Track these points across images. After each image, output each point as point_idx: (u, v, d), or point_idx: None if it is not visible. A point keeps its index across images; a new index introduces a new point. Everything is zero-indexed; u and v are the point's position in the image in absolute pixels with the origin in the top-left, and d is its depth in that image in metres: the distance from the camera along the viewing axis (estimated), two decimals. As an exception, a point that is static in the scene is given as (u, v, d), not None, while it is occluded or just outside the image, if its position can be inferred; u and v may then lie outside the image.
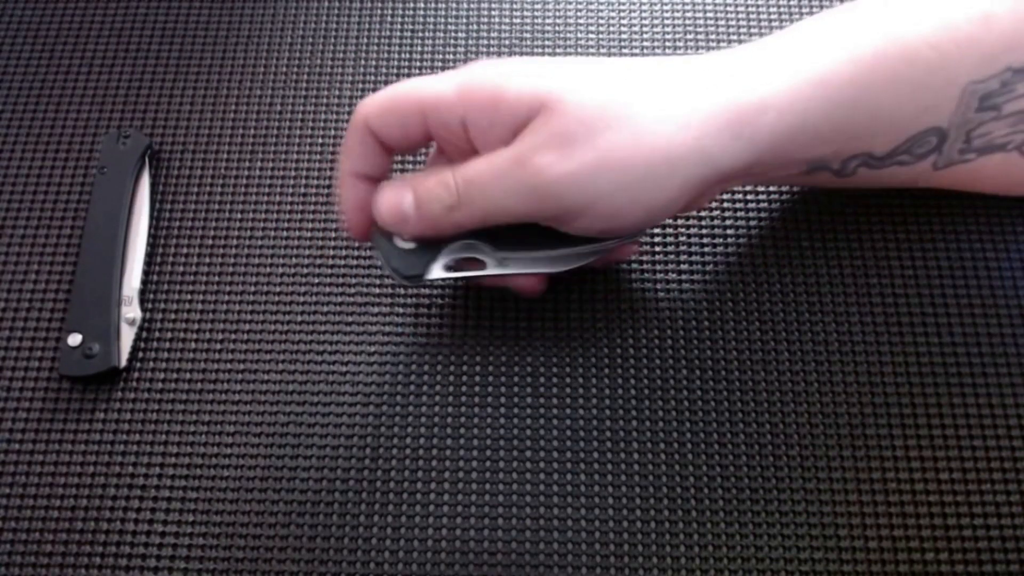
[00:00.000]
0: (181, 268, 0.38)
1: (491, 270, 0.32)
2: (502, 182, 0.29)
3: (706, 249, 0.37)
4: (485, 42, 0.42)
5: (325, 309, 0.37)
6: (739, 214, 0.38)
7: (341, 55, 0.42)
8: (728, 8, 0.43)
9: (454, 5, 0.43)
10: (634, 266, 0.37)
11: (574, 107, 0.29)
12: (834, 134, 0.31)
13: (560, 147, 0.28)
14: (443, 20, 0.43)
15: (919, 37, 0.31)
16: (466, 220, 0.30)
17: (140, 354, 0.36)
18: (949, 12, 0.31)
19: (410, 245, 0.32)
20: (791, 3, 0.43)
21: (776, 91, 0.30)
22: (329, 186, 0.39)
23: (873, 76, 0.30)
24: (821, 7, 0.42)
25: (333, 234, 0.38)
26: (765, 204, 0.38)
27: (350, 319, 0.36)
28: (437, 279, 0.32)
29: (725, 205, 0.38)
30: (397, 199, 0.31)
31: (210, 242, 0.38)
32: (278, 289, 0.37)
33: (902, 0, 0.32)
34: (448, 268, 0.32)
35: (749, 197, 0.38)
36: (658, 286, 0.37)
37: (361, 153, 0.32)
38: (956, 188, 0.37)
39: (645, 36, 0.42)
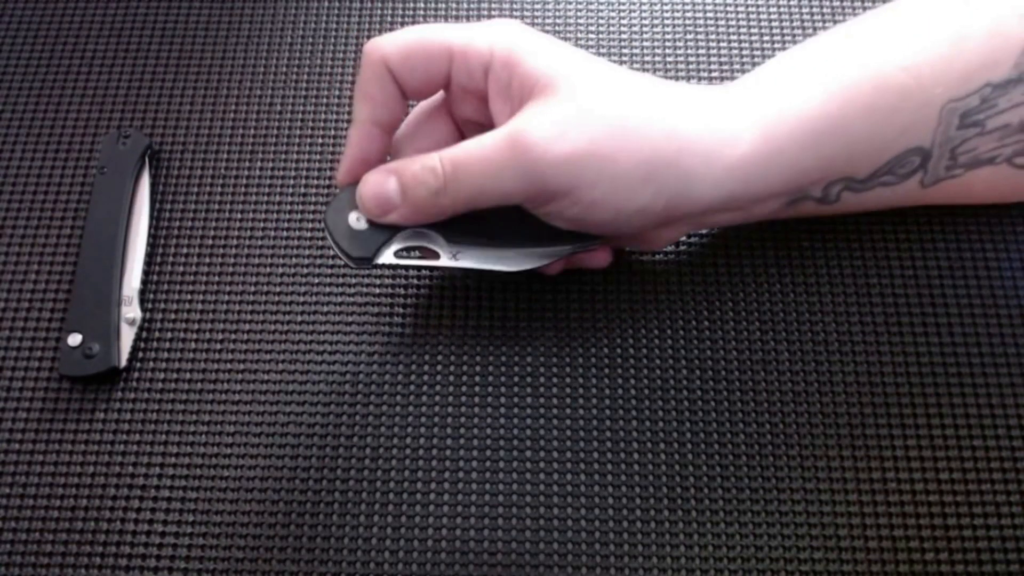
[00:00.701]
0: (181, 268, 0.38)
1: (443, 262, 0.32)
2: (492, 162, 0.29)
3: (706, 249, 0.37)
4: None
5: (325, 309, 0.37)
6: (739, 214, 0.38)
7: (341, 55, 0.42)
8: (728, 9, 0.43)
9: (454, 5, 0.43)
10: (634, 266, 0.37)
11: (581, 95, 0.29)
12: (810, 164, 0.32)
13: (558, 128, 0.29)
14: (443, 20, 0.43)
15: (892, 64, 0.31)
16: (452, 204, 0.30)
17: (140, 354, 0.36)
18: (922, 35, 0.31)
19: (363, 226, 0.31)
20: (791, 4, 0.43)
21: (750, 125, 0.31)
22: (329, 186, 0.39)
23: (847, 108, 0.31)
24: (820, 7, 0.42)
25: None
26: (765, 204, 0.38)
27: (350, 319, 0.36)
28: (386, 264, 0.32)
29: (725, 205, 0.38)
30: (381, 185, 0.30)
31: (210, 242, 0.38)
32: (278, 289, 0.37)
33: (876, 27, 0.32)
34: (399, 255, 0.32)
35: (749, 197, 0.39)
36: (658, 286, 0.37)
37: (381, 99, 0.31)
38: (947, 203, 0.37)
39: (645, 36, 0.42)
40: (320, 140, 0.40)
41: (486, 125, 0.32)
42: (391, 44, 0.31)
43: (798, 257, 0.37)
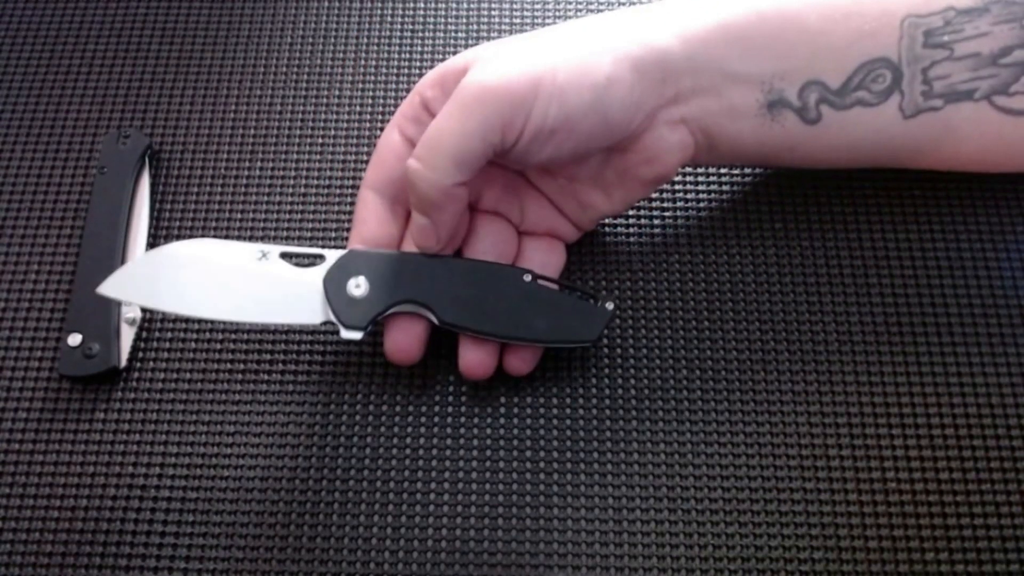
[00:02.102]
0: (181, 268, 0.38)
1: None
2: (452, 113, 0.30)
3: (707, 249, 0.37)
4: (485, 42, 0.42)
5: (325, 309, 0.37)
6: (739, 214, 0.38)
7: (341, 55, 0.42)
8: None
9: (454, 5, 0.43)
10: (634, 266, 0.37)
11: (505, 46, 0.32)
12: (767, 46, 0.33)
13: (496, 63, 0.31)
14: (443, 20, 0.43)
15: None
16: (441, 174, 0.30)
17: (140, 354, 0.36)
18: None
19: (361, 293, 0.32)
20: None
21: (700, 7, 0.33)
22: (329, 186, 0.39)
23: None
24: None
25: (333, 234, 0.38)
26: (765, 205, 0.38)
27: (350, 319, 0.36)
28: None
29: (725, 205, 0.38)
30: (414, 226, 0.33)
31: (210, 242, 0.38)
32: (278, 289, 0.37)
33: None
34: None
35: (749, 197, 0.39)
36: (659, 286, 0.37)
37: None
38: (941, 162, 0.36)
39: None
40: (320, 140, 0.40)
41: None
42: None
43: (798, 257, 0.37)
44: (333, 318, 0.32)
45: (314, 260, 0.33)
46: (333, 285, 0.32)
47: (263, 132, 0.41)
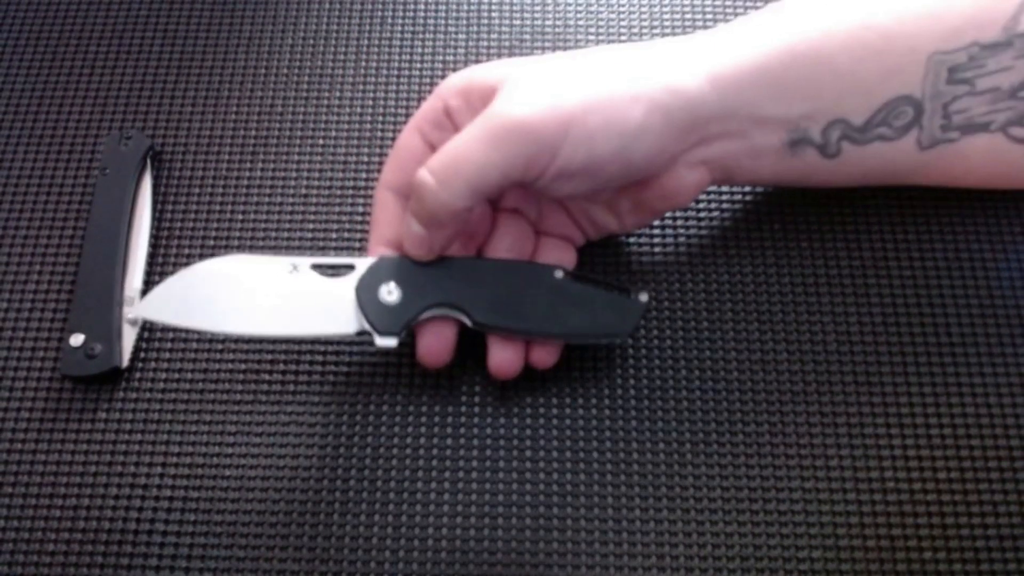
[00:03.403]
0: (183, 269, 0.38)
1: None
2: (478, 140, 0.30)
3: (706, 250, 0.38)
4: (485, 43, 0.42)
5: (326, 309, 0.37)
6: (739, 215, 0.38)
7: (342, 57, 0.42)
8: (727, 12, 0.43)
9: (454, 6, 0.44)
10: (634, 266, 0.37)
11: (536, 73, 0.32)
12: (798, 88, 0.32)
13: (527, 94, 0.31)
14: (443, 22, 0.43)
15: (879, 7, 0.33)
16: (455, 198, 0.30)
17: (142, 354, 0.36)
18: None
19: (393, 299, 0.32)
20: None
21: (733, 46, 0.32)
22: (330, 187, 0.39)
23: (831, 38, 0.32)
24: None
25: (334, 235, 0.38)
26: (764, 204, 0.38)
27: (351, 319, 0.36)
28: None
29: (724, 205, 0.38)
30: (407, 231, 0.32)
31: (211, 243, 0.38)
32: (279, 290, 0.37)
33: None
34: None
35: (748, 197, 0.39)
36: (658, 286, 0.37)
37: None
38: (948, 181, 0.37)
39: (644, 37, 0.42)
40: (320, 141, 0.40)
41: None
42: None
43: (797, 257, 0.37)
44: (367, 326, 0.32)
45: (344, 270, 0.33)
46: (365, 293, 0.32)
47: (264, 134, 0.41)
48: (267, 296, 0.33)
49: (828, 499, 0.33)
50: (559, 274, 0.33)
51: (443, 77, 0.41)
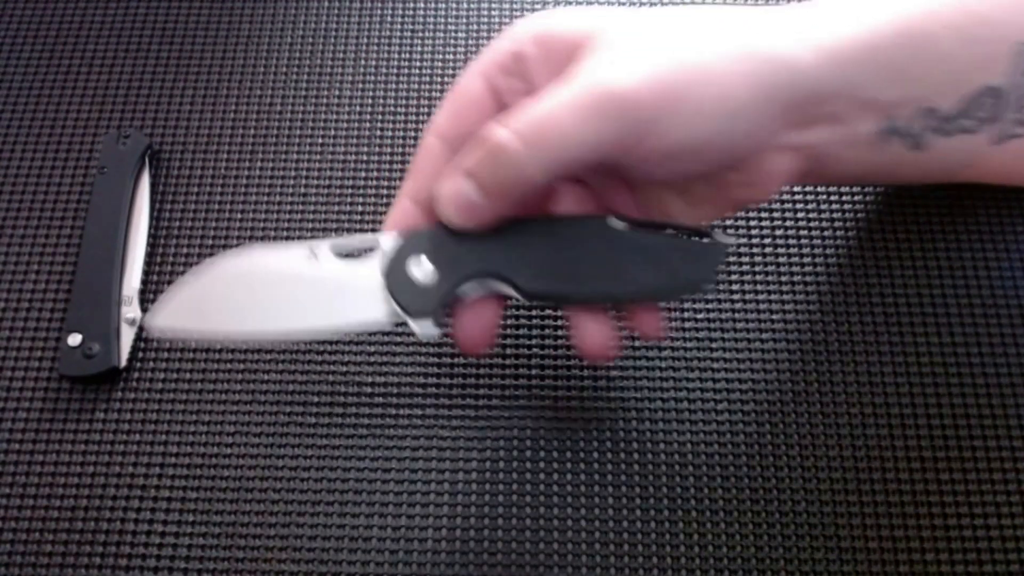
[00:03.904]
0: (181, 268, 0.38)
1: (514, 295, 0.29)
2: (571, 108, 0.26)
3: (706, 249, 0.37)
4: (485, 42, 0.42)
5: (325, 309, 0.37)
6: (737, 214, 0.38)
7: (341, 55, 0.42)
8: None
9: (454, 5, 0.43)
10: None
11: (632, 34, 0.28)
12: (902, 70, 0.30)
13: (626, 59, 0.27)
14: (443, 20, 0.43)
15: None
16: (538, 170, 0.27)
17: (140, 354, 0.36)
18: None
19: (425, 275, 0.28)
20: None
21: (841, 19, 0.29)
22: (329, 186, 0.39)
23: (934, 20, 0.30)
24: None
25: (333, 234, 0.38)
26: (764, 205, 0.38)
27: (350, 319, 0.36)
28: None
29: (725, 205, 0.38)
30: (454, 191, 0.28)
31: (210, 242, 0.38)
32: (278, 289, 0.37)
33: None
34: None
35: (749, 197, 0.39)
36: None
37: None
38: (1009, 180, 0.35)
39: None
40: (320, 140, 0.40)
41: None
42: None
43: (798, 256, 0.37)
44: (399, 311, 0.28)
45: (368, 251, 0.29)
46: (393, 272, 0.28)
47: (263, 132, 0.41)
48: (287, 294, 0.29)
49: (829, 499, 0.33)
50: (616, 222, 0.28)
51: (443, 77, 0.41)
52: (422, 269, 0.28)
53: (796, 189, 0.38)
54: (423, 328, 0.28)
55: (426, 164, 0.30)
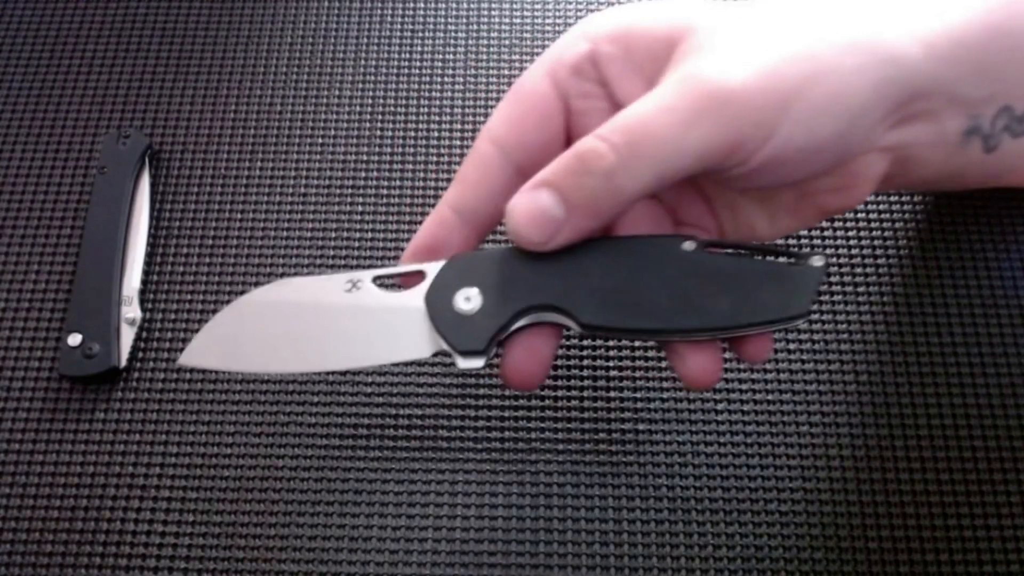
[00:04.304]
0: (181, 268, 0.38)
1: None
2: (677, 111, 0.24)
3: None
4: (485, 42, 0.42)
5: (325, 309, 0.37)
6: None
7: (341, 55, 0.42)
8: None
9: (454, 5, 0.43)
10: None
11: (733, 26, 0.25)
12: (993, 66, 0.28)
13: (733, 54, 0.24)
14: (443, 20, 0.43)
15: None
16: (634, 183, 0.24)
17: (140, 354, 0.36)
18: None
19: (473, 308, 0.26)
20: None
21: (938, 11, 0.27)
22: (329, 186, 0.39)
23: (1015, 13, 0.27)
24: None
25: (333, 234, 0.38)
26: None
27: (350, 319, 0.36)
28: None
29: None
30: (534, 202, 0.25)
31: (210, 242, 0.38)
32: (278, 289, 0.37)
33: None
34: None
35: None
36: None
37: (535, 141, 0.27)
38: None
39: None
40: (320, 140, 0.40)
41: None
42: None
43: (798, 257, 0.37)
44: (445, 345, 0.26)
45: (414, 278, 0.27)
46: (437, 303, 0.26)
47: (263, 132, 0.41)
48: (325, 324, 0.27)
49: (829, 499, 0.33)
50: (689, 245, 0.26)
51: (443, 77, 0.41)
52: (469, 299, 0.26)
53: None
54: (469, 363, 0.26)
55: (476, 173, 0.27)
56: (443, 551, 0.32)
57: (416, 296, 0.27)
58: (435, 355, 0.27)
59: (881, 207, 0.38)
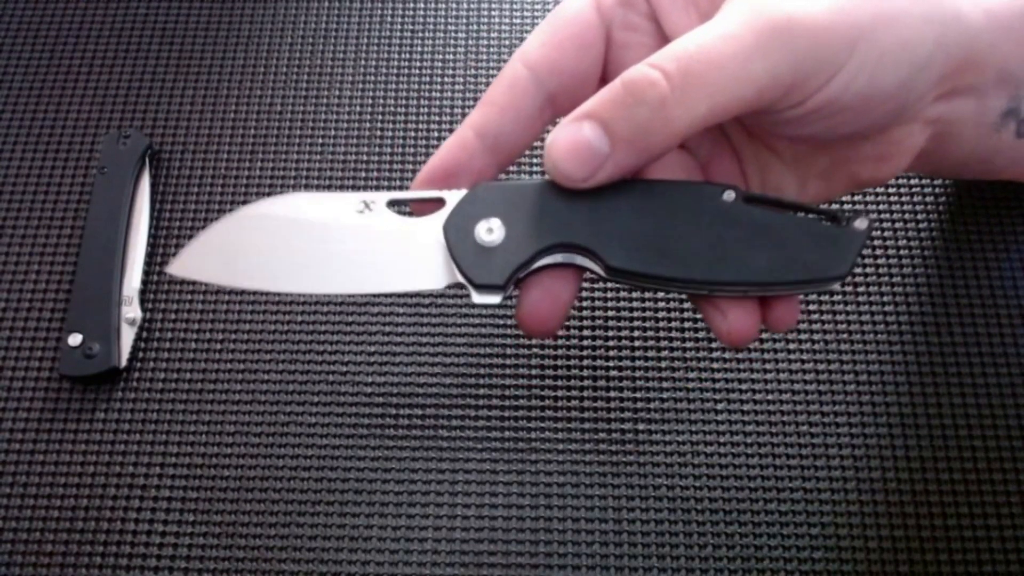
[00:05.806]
0: (181, 268, 0.38)
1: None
2: (736, 39, 0.22)
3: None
4: (485, 42, 0.42)
5: (325, 309, 0.37)
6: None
7: (341, 55, 0.42)
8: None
9: (454, 5, 0.43)
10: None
11: None
12: None
13: None
14: (443, 20, 0.43)
15: None
16: (687, 115, 0.23)
17: (140, 354, 0.36)
18: None
19: (495, 240, 0.24)
20: None
21: None
22: (328, 186, 0.39)
23: None
24: None
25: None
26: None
27: (350, 319, 0.36)
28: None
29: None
30: (577, 134, 0.23)
31: (210, 242, 0.38)
32: (278, 289, 0.37)
33: None
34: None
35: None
36: (658, 286, 0.37)
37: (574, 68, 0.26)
38: None
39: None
40: (320, 140, 0.40)
41: None
42: None
43: (798, 257, 0.37)
44: (461, 277, 0.25)
45: (432, 206, 0.26)
46: (457, 232, 0.25)
47: (263, 132, 0.41)
48: (331, 244, 0.26)
49: (829, 499, 0.33)
50: (730, 195, 0.24)
51: (443, 77, 0.41)
52: (491, 231, 0.25)
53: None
54: (485, 299, 0.25)
55: (505, 96, 0.26)
56: (443, 551, 0.32)
57: (434, 223, 0.25)
58: (448, 287, 0.25)
59: (881, 207, 0.38)
